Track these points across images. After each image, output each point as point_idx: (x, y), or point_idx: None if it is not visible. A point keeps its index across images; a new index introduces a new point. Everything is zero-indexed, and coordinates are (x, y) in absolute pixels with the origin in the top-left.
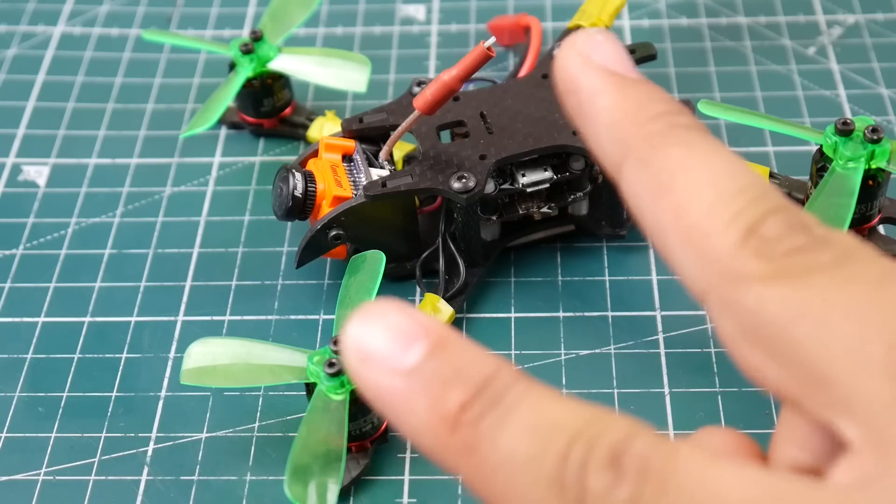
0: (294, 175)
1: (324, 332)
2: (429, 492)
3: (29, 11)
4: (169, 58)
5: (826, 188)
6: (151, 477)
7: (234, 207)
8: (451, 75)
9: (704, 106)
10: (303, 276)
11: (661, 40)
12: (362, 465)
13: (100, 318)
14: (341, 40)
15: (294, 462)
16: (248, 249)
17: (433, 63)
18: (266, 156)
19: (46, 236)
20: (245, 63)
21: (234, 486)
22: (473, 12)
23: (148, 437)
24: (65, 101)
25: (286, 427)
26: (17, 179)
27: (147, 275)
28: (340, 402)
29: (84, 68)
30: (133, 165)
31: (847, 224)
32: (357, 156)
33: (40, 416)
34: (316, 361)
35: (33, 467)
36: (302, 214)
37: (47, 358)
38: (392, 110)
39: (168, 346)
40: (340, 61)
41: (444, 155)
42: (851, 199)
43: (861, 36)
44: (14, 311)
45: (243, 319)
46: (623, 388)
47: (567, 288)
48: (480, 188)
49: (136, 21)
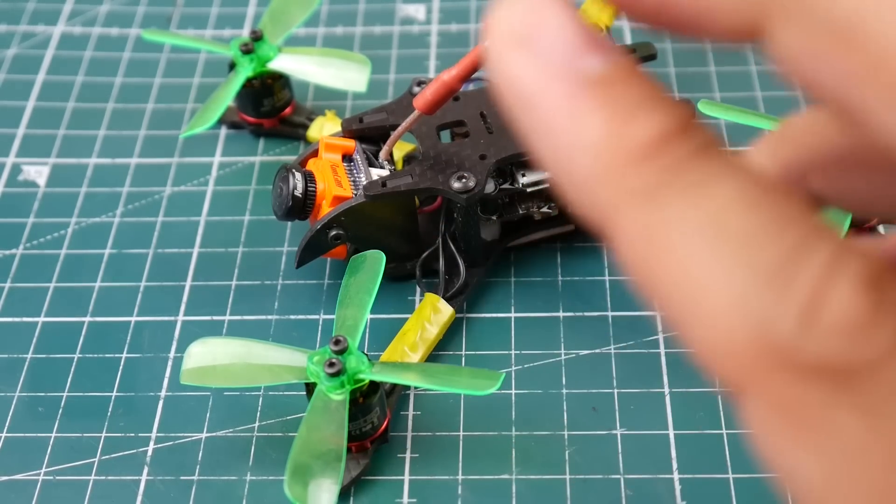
0: (294, 175)
1: (324, 332)
2: (429, 492)
3: (29, 11)
4: (169, 58)
5: None
6: (151, 477)
7: (234, 207)
8: (452, 75)
9: (705, 106)
10: (303, 276)
11: (661, 40)
12: (362, 465)
13: (100, 318)
14: (341, 40)
15: (294, 462)
16: (248, 249)
17: (433, 63)
18: (266, 156)
19: (46, 236)
20: (245, 63)
21: (234, 486)
22: (473, 12)
23: (148, 437)
24: (65, 101)
25: (286, 427)
26: (17, 179)
27: (147, 275)
28: (340, 401)
29: (84, 68)
30: (133, 165)
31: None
32: (357, 156)
33: (40, 416)
34: (316, 361)
35: (33, 467)
36: (302, 214)
37: (47, 358)
38: (392, 110)
39: (168, 346)
40: (340, 61)
41: (445, 155)
42: None
43: None
44: (14, 311)
45: (243, 319)
46: (623, 388)
47: (567, 288)
48: (481, 188)
49: (136, 21)
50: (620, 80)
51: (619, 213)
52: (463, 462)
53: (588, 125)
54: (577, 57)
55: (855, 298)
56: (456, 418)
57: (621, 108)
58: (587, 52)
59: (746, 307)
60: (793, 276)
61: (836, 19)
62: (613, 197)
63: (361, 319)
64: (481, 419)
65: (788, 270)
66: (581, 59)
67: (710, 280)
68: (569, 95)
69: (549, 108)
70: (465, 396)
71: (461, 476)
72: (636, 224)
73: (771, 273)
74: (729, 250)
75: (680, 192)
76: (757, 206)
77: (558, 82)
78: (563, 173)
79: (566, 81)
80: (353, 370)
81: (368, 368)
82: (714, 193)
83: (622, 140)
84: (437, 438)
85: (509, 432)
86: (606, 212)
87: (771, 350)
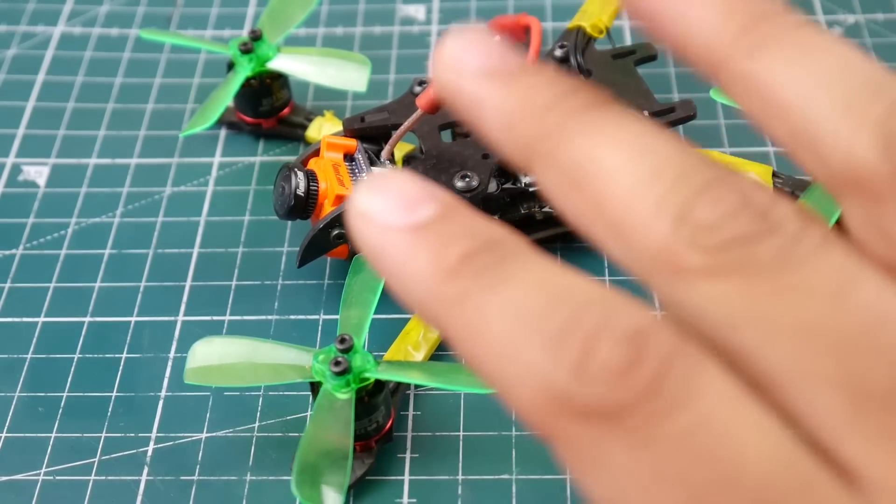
0: (296, 174)
1: (324, 333)
2: (429, 492)
3: (29, 11)
4: (169, 58)
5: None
6: (151, 477)
7: (234, 207)
8: None
9: (717, 94)
10: (303, 275)
11: None
12: (367, 464)
13: (100, 318)
14: (341, 40)
15: (301, 461)
16: (248, 249)
17: None
18: (266, 156)
19: (46, 236)
20: (244, 63)
21: (234, 486)
22: (473, 12)
23: (148, 437)
24: (65, 101)
25: (286, 427)
26: (17, 179)
27: (147, 275)
28: (346, 400)
29: (84, 68)
30: (133, 165)
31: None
32: (359, 155)
33: (40, 416)
34: (321, 360)
35: (33, 467)
36: (304, 213)
37: (47, 358)
38: (393, 110)
39: (168, 346)
40: (340, 61)
41: (447, 154)
42: None
43: (861, 36)
44: (14, 311)
45: (243, 319)
46: None
47: None
48: (484, 187)
49: (136, 21)
50: (443, 219)
51: (446, 318)
52: (463, 462)
53: (417, 262)
54: (408, 210)
55: (615, 351)
56: (456, 418)
57: (440, 242)
58: (417, 203)
59: (535, 369)
60: (566, 340)
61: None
62: (439, 307)
63: (366, 319)
64: (481, 419)
65: (563, 335)
66: (412, 212)
67: (510, 352)
68: (402, 243)
69: (389, 255)
70: (466, 396)
71: (461, 476)
72: (458, 321)
73: (551, 340)
74: (522, 328)
75: (485, 291)
76: (540, 290)
77: (394, 234)
78: (407, 299)
79: (395, 235)
80: (358, 369)
81: (374, 367)
82: (511, 288)
83: (439, 265)
84: (437, 438)
85: (509, 432)
86: (439, 319)
87: (554, 401)
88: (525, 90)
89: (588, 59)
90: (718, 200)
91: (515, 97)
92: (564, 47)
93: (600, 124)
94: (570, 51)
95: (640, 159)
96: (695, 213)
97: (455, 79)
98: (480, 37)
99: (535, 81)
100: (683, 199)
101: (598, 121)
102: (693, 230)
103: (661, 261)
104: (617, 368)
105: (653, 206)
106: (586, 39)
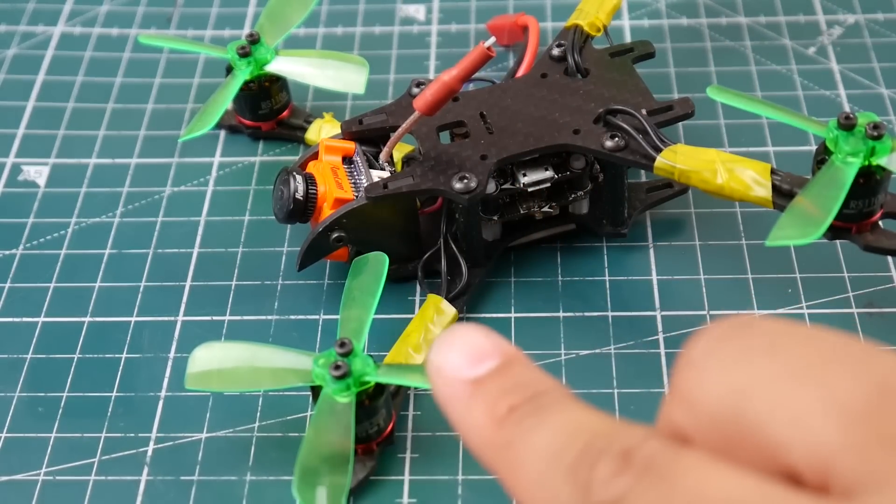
0: (295, 178)
1: (324, 333)
2: (429, 492)
3: (29, 11)
4: (168, 58)
5: (821, 179)
6: (151, 477)
7: (234, 208)
8: (451, 75)
9: (714, 91)
10: (303, 276)
11: (661, 40)
12: (368, 467)
13: (100, 318)
14: (341, 41)
15: (302, 465)
16: (248, 249)
17: (433, 63)
18: (266, 156)
19: (46, 236)
20: (242, 66)
21: (234, 486)
22: (473, 12)
23: (148, 437)
24: (65, 101)
25: (286, 427)
26: (17, 179)
27: (147, 275)
28: (347, 404)
29: (84, 68)
30: (133, 165)
31: (832, 215)
32: (357, 157)
33: (40, 416)
34: (321, 364)
35: (33, 467)
36: (303, 217)
37: (47, 358)
38: (391, 111)
39: (168, 347)
40: (338, 63)
41: (445, 156)
42: (841, 192)
43: (861, 36)
44: (14, 311)
45: (243, 320)
46: (623, 388)
47: (567, 288)
48: (482, 188)
49: (136, 21)
50: (501, 373)
51: (496, 462)
52: (463, 462)
53: (475, 414)
54: (473, 364)
55: (610, 466)
56: None
57: (493, 397)
58: (482, 358)
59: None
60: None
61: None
62: (492, 452)
63: (366, 321)
64: None
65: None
66: (476, 366)
67: (541, 483)
68: (462, 396)
69: (454, 407)
70: None
71: (461, 476)
72: (505, 464)
73: (569, 468)
74: (548, 464)
75: (524, 435)
76: (563, 431)
77: (459, 386)
78: (467, 443)
79: (460, 386)
80: (358, 373)
81: (374, 371)
82: (542, 431)
83: (492, 417)
84: (438, 438)
85: None
86: (492, 463)
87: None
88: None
89: (586, 58)
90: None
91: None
92: (562, 46)
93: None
94: (567, 50)
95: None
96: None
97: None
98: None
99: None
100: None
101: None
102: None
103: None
104: (609, 477)
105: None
106: (584, 38)
